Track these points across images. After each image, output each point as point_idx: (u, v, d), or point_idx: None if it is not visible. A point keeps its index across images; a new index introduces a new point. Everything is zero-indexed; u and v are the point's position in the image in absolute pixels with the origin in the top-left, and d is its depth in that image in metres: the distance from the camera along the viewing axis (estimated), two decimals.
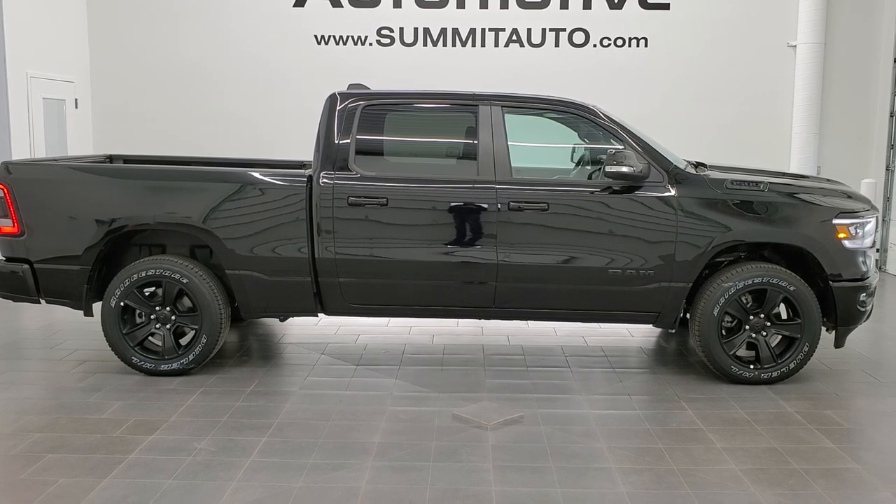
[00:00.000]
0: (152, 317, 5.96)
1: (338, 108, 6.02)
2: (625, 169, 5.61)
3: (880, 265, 10.62)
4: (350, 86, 6.40)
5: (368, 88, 6.38)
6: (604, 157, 5.75)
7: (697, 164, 6.42)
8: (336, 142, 5.93)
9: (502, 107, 5.95)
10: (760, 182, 5.87)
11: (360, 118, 5.98)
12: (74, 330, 7.20)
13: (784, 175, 6.74)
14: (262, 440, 4.76)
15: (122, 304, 5.89)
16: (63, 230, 5.94)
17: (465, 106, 6.04)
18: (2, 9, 9.49)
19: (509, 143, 5.87)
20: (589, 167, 6.26)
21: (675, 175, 5.80)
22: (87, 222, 5.90)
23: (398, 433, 4.90)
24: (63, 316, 7.51)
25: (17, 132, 9.76)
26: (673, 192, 5.75)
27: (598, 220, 5.78)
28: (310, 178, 5.88)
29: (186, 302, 5.97)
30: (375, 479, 4.24)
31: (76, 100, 11.00)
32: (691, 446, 4.75)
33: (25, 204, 5.96)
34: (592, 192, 5.82)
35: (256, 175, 5.95)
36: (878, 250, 10.41)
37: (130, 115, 11.41)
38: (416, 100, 6.28)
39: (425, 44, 11.27)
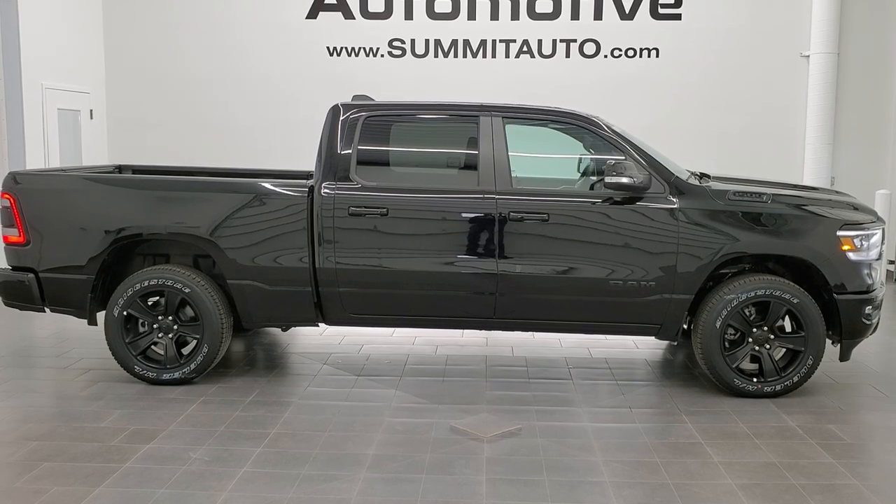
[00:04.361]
0: (155, 326, 5.99)
1: (340, 118, 6.05)
2: (625, 180, 5.59)
3: None
4: (354, 97, 6.44)
5: (373, 99, 6.41)
6: (605, 167, 5.73)
7: (701, 175, 6.38)
8: (338, 152, 5.95)
9: (503, 118, 5.95)
10: (763, 193, 5.81)
11: (362, 129, 6.01)
12: (83, 338, 7.25)
13: (790, 186, 6.67)
14: (256, 450, 4.77)
15: (125, 313, 5.93)
16: (68, 240, 6.00)
17: (466, 117, 6.05)
18: (18, 20, 9.63)
19: (510, 153, 5.87)
20: (590, 178, 6.23)
21: (676, 186, 5.77)
22: (92, 232, 5.96)
23: (393, 445, 4.89)
24: (72, 324, 7.55)
25: (31, 143, 9.88)
26: (674, 203, 5.71)
27: (598, 231, 5.75)
28: (311, 188, 5.91)
29: (189, 311, 6.01)
30: (366, 491, 4.23)
31: (91, 110, 11.13)
32: (688, 460, 4.70)
33: (31, 213, 6.03)
34: (593, 203, 5.80)
35: (257, 185, 5.98)
36: (891, 262, 10.34)
37: (145, 125, 11.53)
38: (418, 111, 6.30)
39: (436, 55, 11.30)
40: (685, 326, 6.07)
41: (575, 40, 11.17)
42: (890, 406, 5.78)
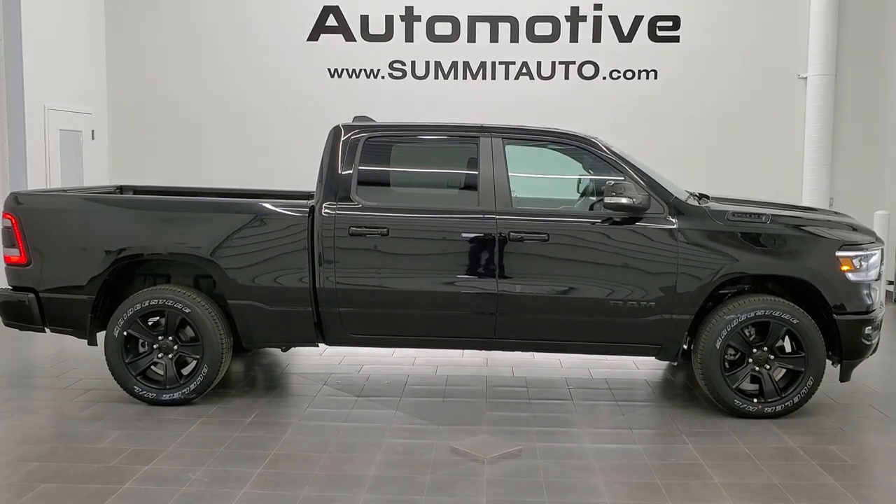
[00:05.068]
0: (155, 346, 5.99)
1: (341, 139, 6.08)
2: (624, 200, 5.61)
3: (895, 297, 10.48)
4: (355, 118, 6.47)
5: (373, 120, 6.45)
6: (604, 188, 5.76)
7: (700, 196, 6.40)
8: (339, 173, 5.98)
9: (503, 138, 5.99)
10: (762, 214, 5.84)
11: (363, 150, 6.04)
12: (82, 358, 7.23)
13: (788, 207, 6.70)
14: (256, 471, 4.75)
15: (125, 333, 5.93)
16: (69, 260, 6.01)
17: (466, 137, 6.09)
18: (21, 41, 9.70)
19: (510, 174, 5.90)
20: (590, 198, 6.26)
21: (675, 206, 5.79)
22: (93, 252, 5.98)
23: (393, 466, 4.87)
24: (72, 344, 7.51)
25: (33, 163, 9.91)
26: (673, 224, 5.73)
27: (598, 251, 5.77)
28: (312, 208, 5.93)
29: (189, 331, 6.01)
30: None
31: (93, 131, 11.18)
32: (689, 482, 4.68)
33: (33, 234, 6.04)
34: (593, 223, 5.82)
35: (258, 206, 6.01)
36: (890, 282, 10.35)
37: (146, 146, 11.57)
38: (418, 132, 6.34)
39: (436, 77, 11.37)
40: (685, 347, 6.07)
41: (574, 62, 11.24)
42: (891, 427, 5.76)
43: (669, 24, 11.16)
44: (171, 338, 5.97)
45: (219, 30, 11.49)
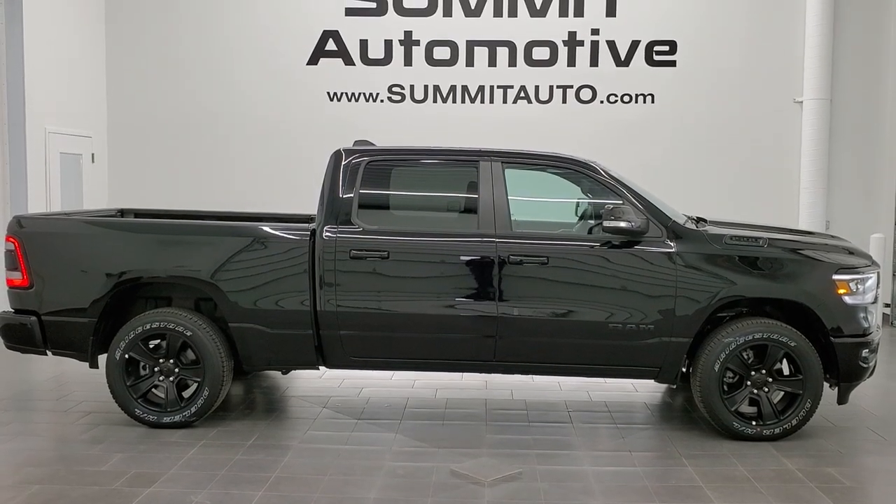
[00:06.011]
0: (156, 369, 6.01)
1: (342, 163, 6.14)
2: (623, 224, 5.67)
3: (892, 320, 10.53)
4: (356, 142, 6.54)
5: (374, 145, 6.52)
6: (603, 212, 5.82)
7: (698, 220, 6.46)
8: (340, 196, 6.04)
9: (502, 162, 6.06)
10: (760, 238, 5.89)
11: (364, 173, 6.10)
12: (83, 381, 7.24)
13: (785, 231, 6.76)
14: (258, 494, 4.76)
15: (126, 356, 5.95)
16: (71, 283, 6.04)
17: (466, 161, 6.16)
18: (23, 65, 9.77)
19: (509, 197, 5.95)
20: (588, 222, 6.31)
21: (673, 230, 5.85)
22: (94, 275, 6.01)
23: (394, 489, 4.89)
24: (72, 367, 7.52)
25: (34, 186, 9.96)
26: (671, 247, 5.79)
27: (597, 275, 5.82)
28: (313, 231, 5.98)
29: (190, 354, 6.03)
30: None
31: (93, 154, 11.24)
32: None
33: (35, 257, 6.08)
34: (592, 247, 5.87)
35: (259, 229, 6.05)
36: (887, 305, 10.40)
37: (146, 169, 11.63)
38: (419, 155, 6.40)
39: (435, 100, 11.46)
40: (684, 370, 6.10)
41: (571, 86, 11.35)
42: (888, 449, 5.79)
43: (666, 48, 11.28)
44: (172, 360, 5.99)
45: (219, 54, 11.58)
